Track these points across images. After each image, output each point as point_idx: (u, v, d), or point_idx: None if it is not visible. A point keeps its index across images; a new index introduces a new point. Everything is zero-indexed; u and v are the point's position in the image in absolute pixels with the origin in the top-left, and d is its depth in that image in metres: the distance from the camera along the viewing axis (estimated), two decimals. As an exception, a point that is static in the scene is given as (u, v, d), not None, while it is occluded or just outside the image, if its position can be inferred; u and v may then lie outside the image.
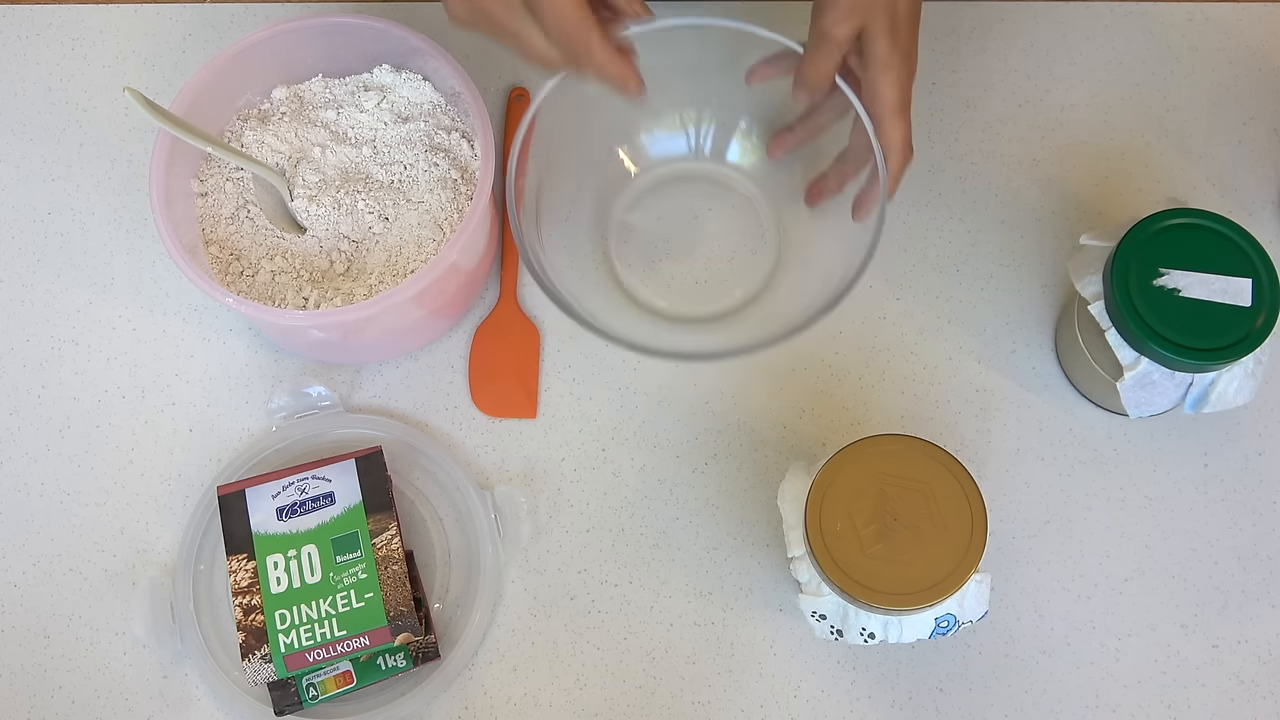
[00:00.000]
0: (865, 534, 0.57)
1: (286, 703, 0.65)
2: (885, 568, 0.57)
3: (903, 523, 0.58)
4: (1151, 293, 0.61)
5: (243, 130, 0.73)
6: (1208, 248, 0.61)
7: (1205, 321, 0.60)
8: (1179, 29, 0.81)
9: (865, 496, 0.58)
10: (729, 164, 0.76)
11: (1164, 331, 0.60)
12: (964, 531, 0.58)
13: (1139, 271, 0.61)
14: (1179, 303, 0.61)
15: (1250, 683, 0.66)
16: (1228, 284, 0.61)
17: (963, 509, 0.58)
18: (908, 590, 0.57)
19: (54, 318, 0.76)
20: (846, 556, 0.57)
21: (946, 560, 0.57)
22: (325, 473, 0.68)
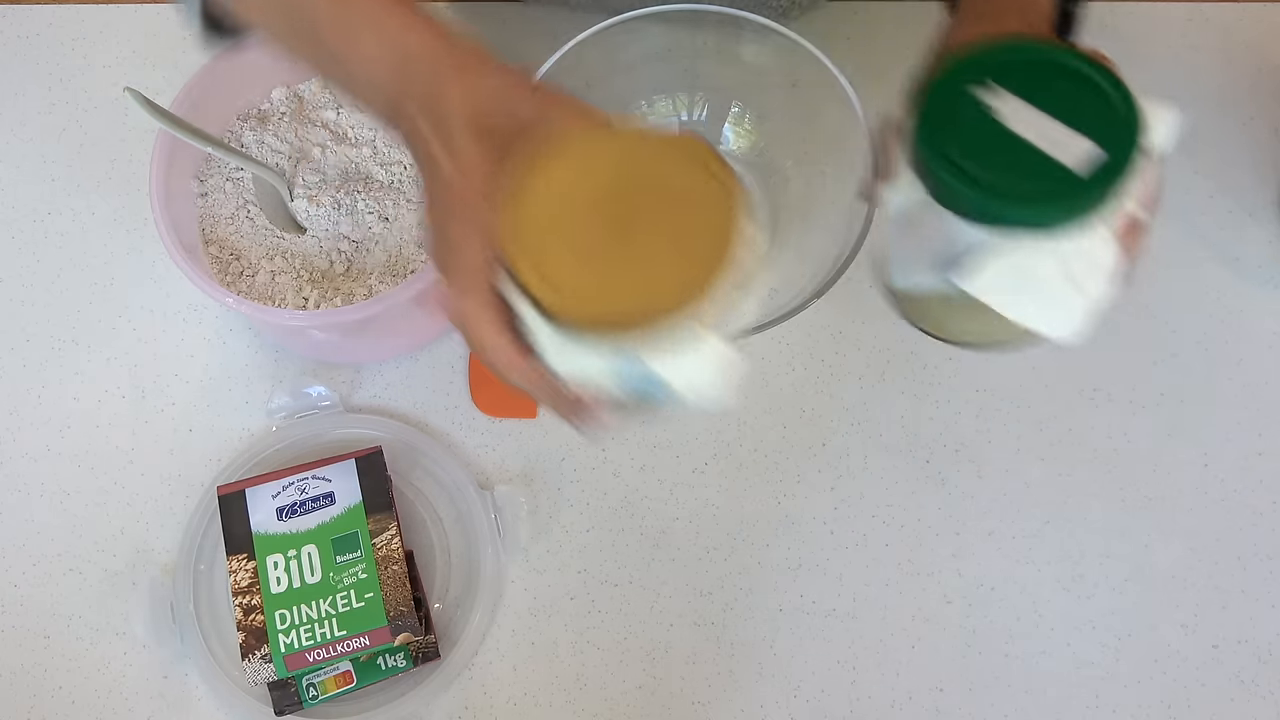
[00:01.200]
0: (576, 220, 0.42)
1: (286, 703, 0.65)
2: (581, 266, 0.41)
3: (632, 219, 0.42)
4: (965, 107, 0.44)
5: (243, 130, 0.73)
6: (1075, 100, 0.44)
7: (1010, 160, 0.43)
8: (1179, 29, 0.81)
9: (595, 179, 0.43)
10: (722, 150, 0.76)
11: (948, 144, 0.44)
12: (697, 253, 0.41)
13: (969, 76, 0.45)
14: (992, 128, 0.44)
15: (1250, 683, 0.66)
16: (1068, 138, 0.44)
17: (716, 230, 0.41)
18: (596, 301, 0.41)
19: (54, 318, 0.76)
20: (542, 244, 0.42)
21: (659, 279, 0.41)
22: (325, 473, 0.68)
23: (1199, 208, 0.76)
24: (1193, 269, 0.75)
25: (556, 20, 0.80)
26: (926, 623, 0.68)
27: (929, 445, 0.71)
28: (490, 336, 0.45)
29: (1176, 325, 0.74)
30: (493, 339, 0.45)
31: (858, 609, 0.68)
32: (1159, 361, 0.73)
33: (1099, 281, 0.46)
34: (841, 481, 0.71)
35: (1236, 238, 0.76)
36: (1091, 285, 0.46)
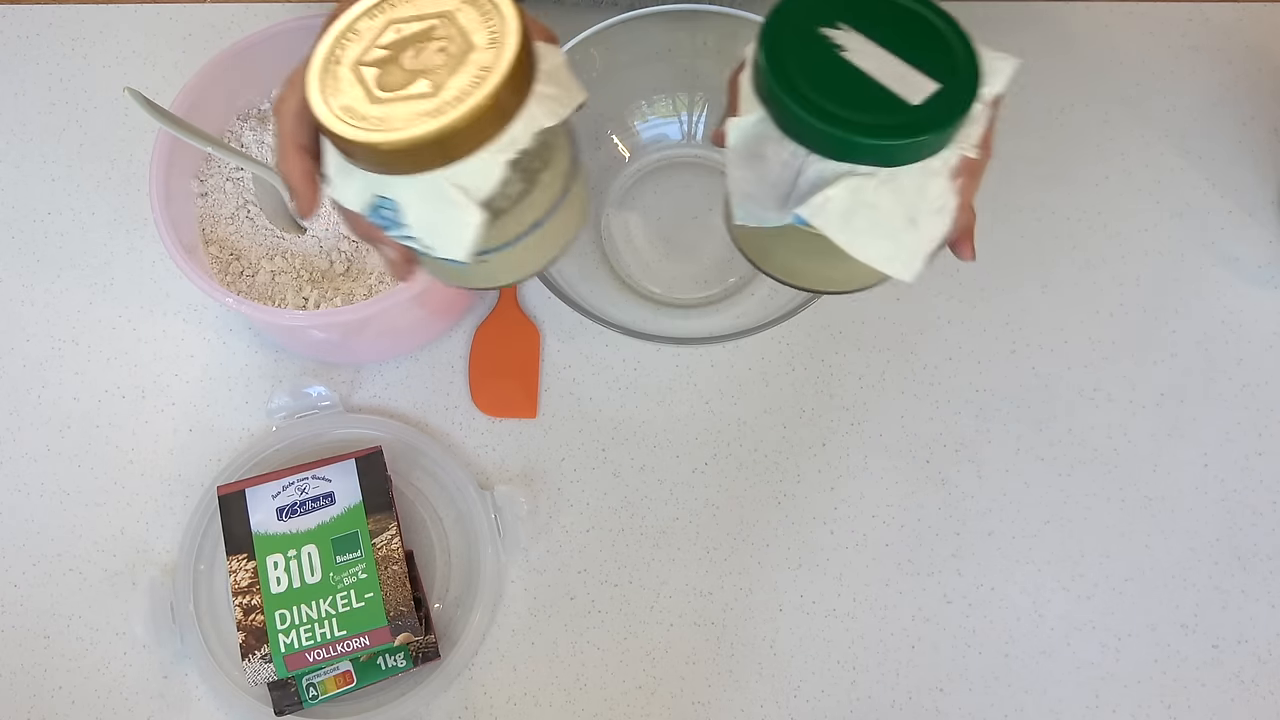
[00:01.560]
0: (374, 56, 0.45)
1: (286, 703, 0.65)
2: (359, 95, 0.44)
3: (419, 62, 0.44)
4: (810, 41, 0.46)
5: (243, 130, 0.73)
6: (916, 38, 0.46)
7: (852, 93, 0.44)
8: (1179, 29, 0.81)
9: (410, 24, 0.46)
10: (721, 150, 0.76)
11: (794, 74, 0.44)
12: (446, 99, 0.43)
13: (813, 14, 0.46)
14: (836, 62, 0.45)
15: (1250, 683, 0.66)
16: (908, 73, 0.45)
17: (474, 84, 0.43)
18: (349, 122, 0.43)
19: (54, 318, 0.76)
20: (338, 70, 0.45)
21: (407, 116, 0.43)
22: (325, 473, 0.68)
23: (1199, 208, 0.76)
24: (1193, 269, 0.75)
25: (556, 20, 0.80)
26: (926, 623, 0.68)
27: (929, 445, 0.71)
28: (282, 134, 0.49)
29: (1176, 325, 0.74)
30: (283, 137, 0.49)
31: (858, 609, 0.68)
32: (1159, 361, 0.73)
33: (935, 220, 0.47)
34: (841, 481, 0.71)
35: (1236, 238, 0.76)
36: (927, 223, 0.47)
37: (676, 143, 0.76)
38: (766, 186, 0.48)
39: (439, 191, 0.45)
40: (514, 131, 0.44)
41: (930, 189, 0.46)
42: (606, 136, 0.75)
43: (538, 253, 0.52)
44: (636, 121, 0.75)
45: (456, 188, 0.45)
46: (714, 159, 0.76)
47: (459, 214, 0.45)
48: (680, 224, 0.75)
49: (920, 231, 0.47)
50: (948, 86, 0.44)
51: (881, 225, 0.46)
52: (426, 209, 0.46)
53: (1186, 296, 0.74)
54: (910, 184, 0.46)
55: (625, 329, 0.64)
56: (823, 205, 0.46)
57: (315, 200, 0.50)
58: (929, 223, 0.47)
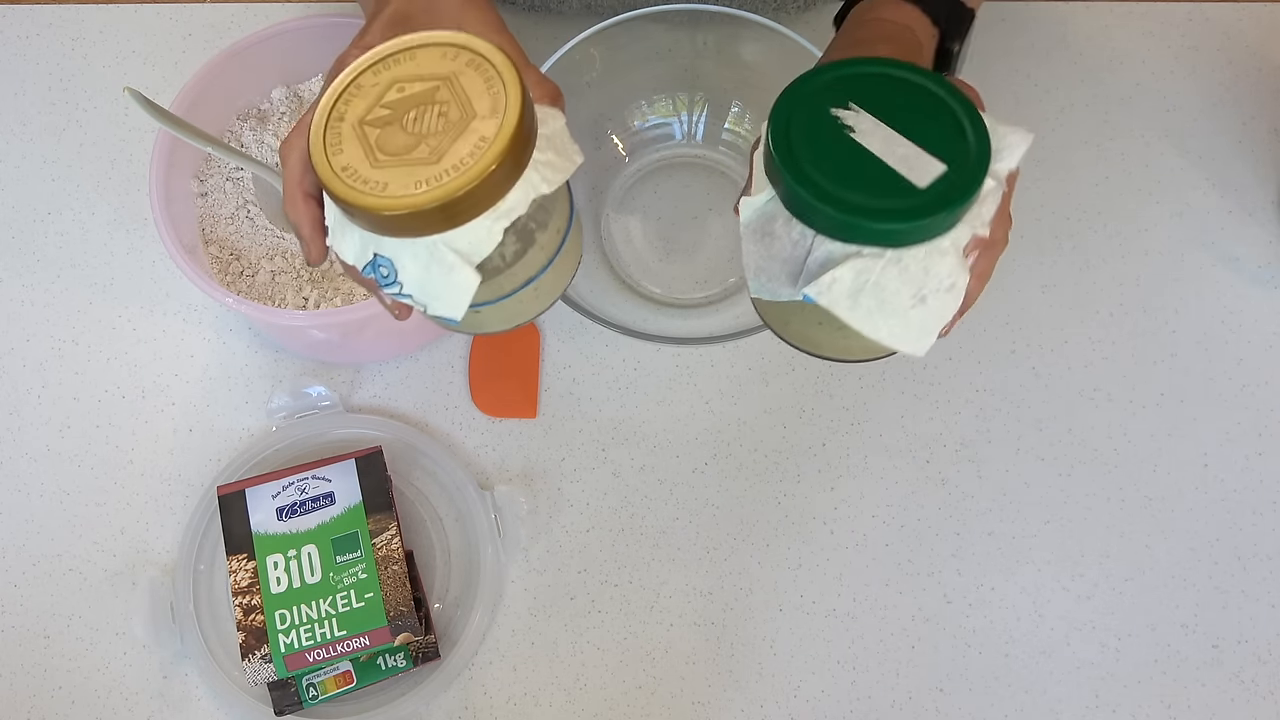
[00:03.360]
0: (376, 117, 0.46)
1: (286, 703, 0.65)
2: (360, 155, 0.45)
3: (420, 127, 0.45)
4: (820, 120, 0.46)
5: (243, 130, 0.73)
6: (928, 118, 0.46)
7: (860, 175, 0.45)
8: (1179, 29, 0.81)
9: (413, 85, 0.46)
10: (721, 150, 0.76)
11: (802, 156, 0.45)
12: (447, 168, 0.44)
13: (827, 94, 0.46)
14: (845, 143, 0.45)
15: (1250, 683, 0.66)
16: (916, 156, 0.45)
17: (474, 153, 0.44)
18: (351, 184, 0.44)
19: (54, 318, 0.76)
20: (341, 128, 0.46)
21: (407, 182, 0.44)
22: (325, 473, 0.68)
23: (1199, 208, 0.76)
24: (1193, 269, 0.75)
25: (557, 20, 0.80)
26: (926, 623, 0.68)
27: (929, 445, 0.71)
28: (289, 180, 0.50)
29: (1176, 325, 0.74)
30: (290, 183, 0.50)
31: (858, 609, 0.68)
32: (1159, 361, 0.73)
33: (944, 298, 0.47)
34: (841, 481, 0.71)
35: (1236, 238, 0.76)
36: (936, 301, 0.47)
37: (676, 143, 0.76)
38: (778, 264, 0.49)
39: (435, 254, 0.45)
40: (511, 200, 0.45)
41: (938, 268, 0.46)
42: (606, 136, 0.75)
43: (530, 305, 0.53)
44: (636, 121, 0.75)
45: (453, 251, 0.45)
46: (714, 159, 0.76)
47: (454, 276, 0.46)
48: (680, 224, 0.75)
49: (929, 309, 0.47)
50: (954, 168, 0.44)
51: (889, 304, 0.46)
52: (422, 270, 0.46)
53: (1186, 296, 0.74)
54: (917, 264, 0.46)
55: (625, 329, 0.64)
56: (830, 285, 0.46)
57: (324, 250, 0.51)
58: (938, 300, 0.47)
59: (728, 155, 0.76)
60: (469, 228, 0.45)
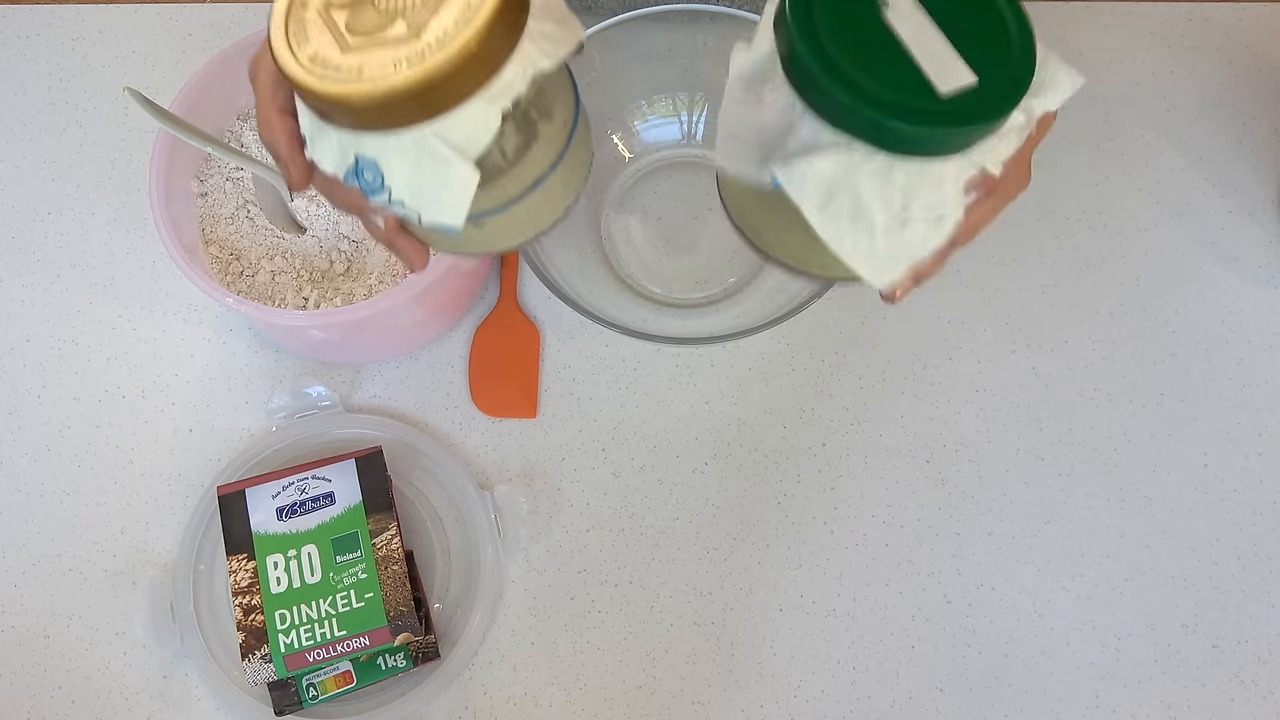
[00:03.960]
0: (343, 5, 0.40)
1: (286, 703, 0.65)
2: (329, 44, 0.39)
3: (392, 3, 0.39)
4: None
5: (243, 130, 0.73)
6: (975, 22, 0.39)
7: (885, 66, 0.38)
8: (1179, 29, 0.81)
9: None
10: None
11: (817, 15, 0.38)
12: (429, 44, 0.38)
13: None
14: (871, 18, 0.39)
15: (1250, 683, 0.66)
16: (947, 57, 0.38)
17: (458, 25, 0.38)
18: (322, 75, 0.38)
19: (54, 318, 0.76)
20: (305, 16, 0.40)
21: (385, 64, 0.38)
22: (325, 473, 0.68)
23: (1199, 207, 0.76)
24: (1193, 269, 0.75)
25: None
26: (926, 623, 0.68)
27: (929, 445, 0.71)
28: (261, 99, 0.45)
29: (1176, 325, 0.74)
30: (261, 101, 0.45)
31: (858, 609, 0.68)
32: (1159, 361, 0.73)
33: (926, 230, 0.41)
34: (841, 481, 0.71)
35: (1236, 238, 0.76)
36: (918, 229, 0.41)
37: (676, 143, 0.76)
38: (754, 132, 0.42)
39: (426, 149, 0.39)
40: (507, 77, 0.39)
41: (930, 193, 0.40)
42: (606, 136, 0.75)
43: (540, 214, 0.47)
44: (636, 121, 0.75)
45: (445, 144, 0.39)
46: (713, 158, 0.76)
47: (450, 173, 0.40)
48: (680, 224, 0.75)
49: (906, 237, 0.41)
50: (985, 84, 0.38)
51: (864, 216, 0.40)
52: (412, 170, 0.40)
53: (1186, 296, 0.74)
54: (908, 180, 0.40)
55: (625, 329, 0.64)
56: (804, 174, 0.40)
57: (306, 168, 0.45)
58: (919, 230, 0.41)
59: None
60: (461, 113, 0.39)
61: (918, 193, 0.40)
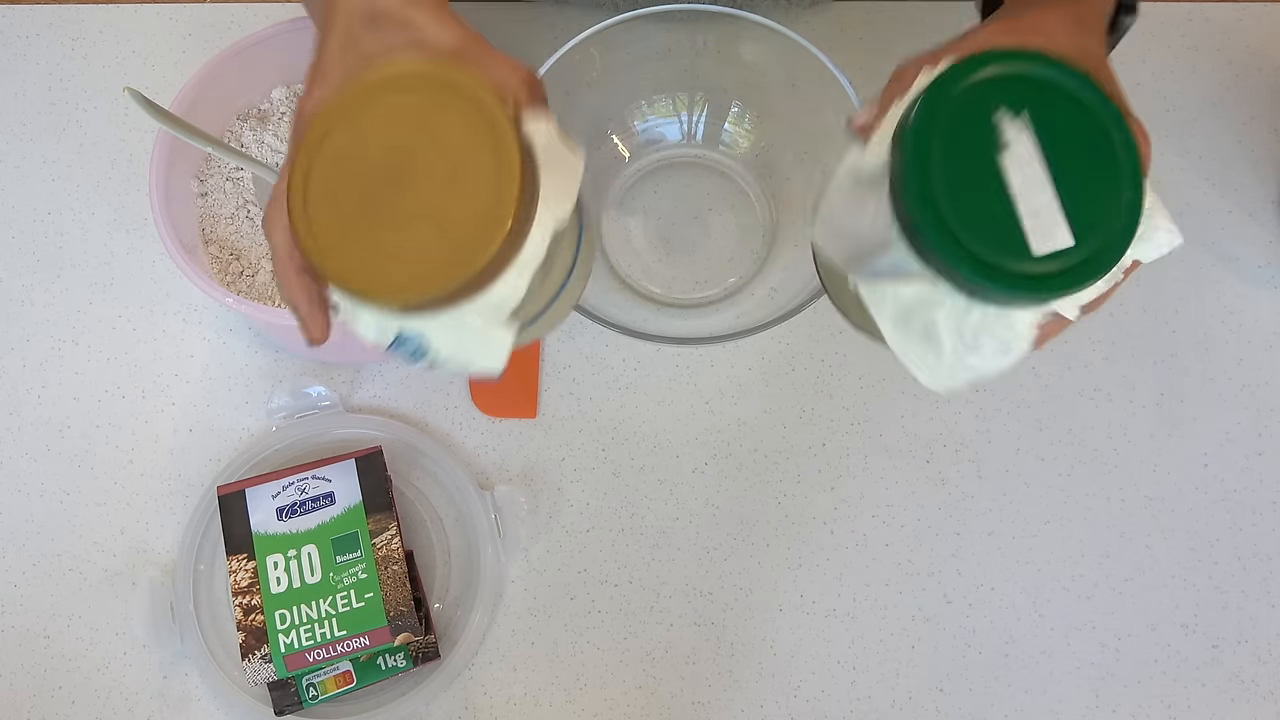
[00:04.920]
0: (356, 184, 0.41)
1: (286, 703, 0.65)
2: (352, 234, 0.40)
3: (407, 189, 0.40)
4: (977, 116, 0.39)
5: (243, 130, 0.73)
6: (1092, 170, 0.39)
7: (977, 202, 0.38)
8: (1179, 29, 0.81)
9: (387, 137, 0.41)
10: (721, 150, 0.76)
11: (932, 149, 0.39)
12: (460, 239, 0.39)
13: (997, 90, 0.39)
14: (986, 157, 0.39)
15: (1250, 683, 0.66)
16: (1050, 215, 0.38)
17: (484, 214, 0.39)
18: (358, 272, 0.40)
19: (54, 318, 0.76)
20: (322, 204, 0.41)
21: (420, 261, 0.39)
22: (325, 473, 0.68)
23: (1199, 207, 0.76)
24: (1193, 269, 0.75)
25: (556, 20, 0.80)
26: (926, 623, 0.68)
27: (929, 445, 0.71)
28: (278, 258, 0.46)
29: (1176, 325, 0.74)
30: (279, 261, 0.46)
31: (858, 609, 0.68)
32: (1159, 361, 0.73)
33: (994, 358, 0.42)
34: (841, 481, 0.71)
35: (1236, 238, 0.76)
36: (985, 357, 0.42)
37: (676, 143, 0.76)
38: (851, 232, 0.44)
39: (464, 322, 0.42)
40: (532, 247, 0.41)
41: (1003, 329, 0.42)
42: (606, 136, 0.75)
43: (561, 312, 0.49)
44: (636, 121, 0.75)
45: (482, 315, 0.42)
46: (714, 159, 0.76)
47: (488, 336, 0.42)
48: (680, 224, 0.75)
49: (972, 360, 0.42)
50: (1080, 248, 0.38)
51: (934, 340, 0.42)
52: (452, 337, 0.42)
53: (1186, 296, 0.74)
54: (983, 319, 0.41)
55: (625, 329, 0.64)
56: (885, 295, 0.42)
57: (327, 327, 0.47)
58: (986, 356, 0.42)
59: (728, 155, 0.76)
60: (495, 287, 0.41)
61: (991, 328, 0.41)
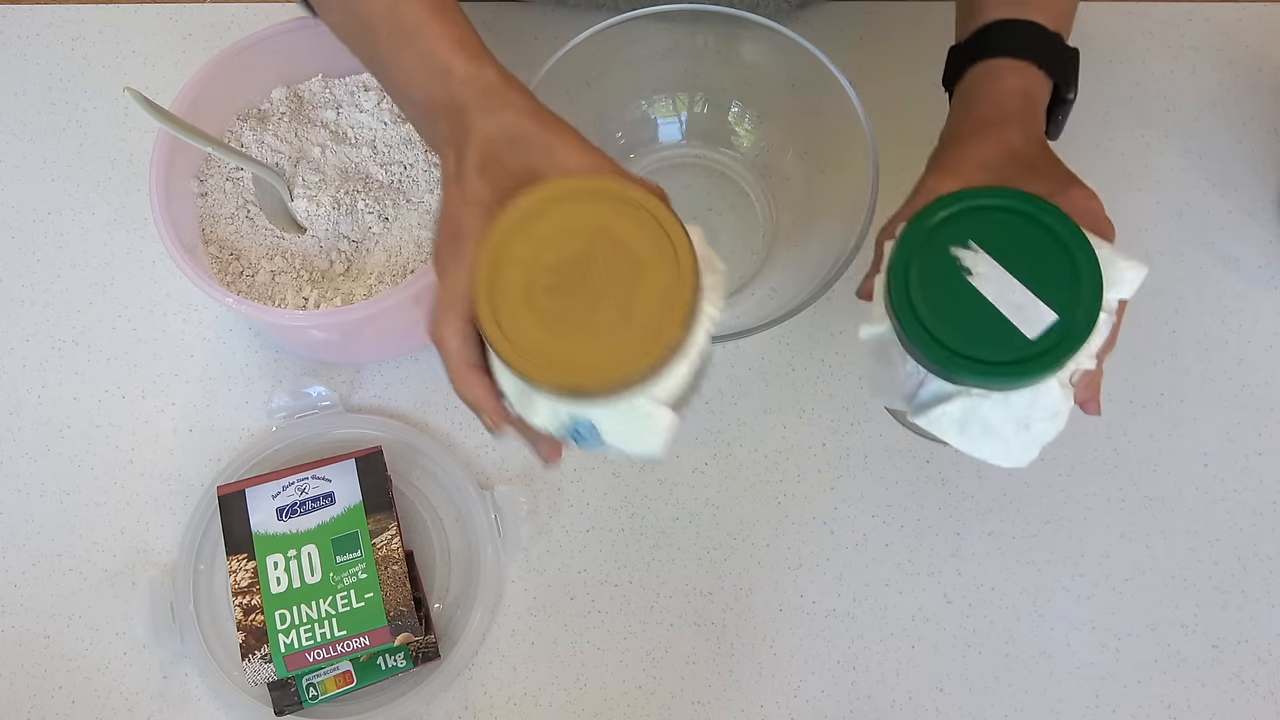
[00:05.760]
0: (541, 284, 0.45)
1: (286, 703, 0.65)
2: (539, 329, 0.44)
3: (591, 287, 0.44)
4: (940, 257, 0.47)
5: (243, 130, 0.73)
6: (1045, 259, 0.47)
7: (971, 322, 0.46)
8: (1179, 29, 0.81)
9: (566, 242, 0.45)
10: (721, 150, 0.76)
11: (917, 298, 0.47)
12: (645, 329, 0.44)
13: (950, 230, 0.48)
14: (960, 286, 0.47)
15: (1250, 683, 0.66)
16: (1028, 304, 0.46)
17: (664, 307, 0.44)
18: (547, 364, 0.44)
19: (54, 318, 0.76)
20: (509, 304, 0.45)
21: (606, 351, 0.44)
22: (325, 473, 0.68)
23: (1199, 207, 0.76)
24: (1193, 269, 0.75)
25: (557, 20, 0.80)
26: (926, 623, 0.68)
27: (929, 445, 0.71)
28: (454, 361, 0.49)
29: (1176, 325, 0.74)
30: (455, 363, 0.49)
31: (858, 609, 0.68)
32: (1159, 361, 0.73)
33: (1048, 424, 0.50)
34: (841, 481, 0.71)
35: (1236, 238, 0.76)
36: (1041, 428, 0.50)
37: (676, 143, 0.76)
38: (895, 385, 0.52)
39: (637, 409, 0.46)
40: (698, 341, 0.45)
41: (1043, 400, 0.49)
42: (607, 136, 0.75)
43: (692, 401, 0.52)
44: (636, 121, 0.75)
45: (654, 402, 0.46)
46: (714, 159, 0.76)
47: (656, 422, 0.46)
48: (680, 224, 0.75)
49: (1032, 433, 0.50)
50: (1065, 318, 0.46)
51: (994, 432, 0.50)
52: (622, 423, 0.47)
53: (1186, 296, 0.74)
54: (1023, 400, 0.49)
55: None
56: (939, 417, 0.50)
57: (507, 416, 0.50)
58: (1041, 426, 0.50)
59: (728, 155, 0.76)
60: (667, 376, 0.45)
61: (1033, 405, 0.49)
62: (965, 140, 0.56)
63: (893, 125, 0.79)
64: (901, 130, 0.78)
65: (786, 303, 0.65)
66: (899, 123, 0.79)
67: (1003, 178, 0.53)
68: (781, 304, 0.66)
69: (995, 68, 0.58)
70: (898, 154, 0.78)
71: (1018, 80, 0.58)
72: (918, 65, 0.76)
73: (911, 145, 0.80)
